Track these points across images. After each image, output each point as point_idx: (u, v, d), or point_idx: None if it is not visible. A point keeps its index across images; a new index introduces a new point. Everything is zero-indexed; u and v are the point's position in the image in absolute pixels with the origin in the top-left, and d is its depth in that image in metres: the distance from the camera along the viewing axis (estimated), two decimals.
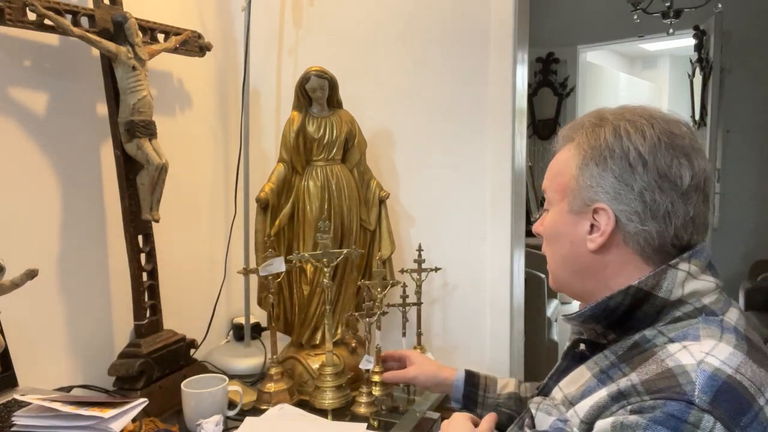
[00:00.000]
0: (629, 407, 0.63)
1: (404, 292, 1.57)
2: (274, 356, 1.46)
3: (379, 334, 1.46)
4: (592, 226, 0.77)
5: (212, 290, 1.79)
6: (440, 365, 1.28)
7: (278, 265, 1.44)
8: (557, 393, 0.80)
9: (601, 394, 0.68)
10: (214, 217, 1.86)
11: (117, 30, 1.32)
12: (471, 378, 1.20)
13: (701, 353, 0.65)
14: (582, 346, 0.83)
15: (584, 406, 0.69)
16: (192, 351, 1.53)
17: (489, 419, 0.96)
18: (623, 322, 0.75)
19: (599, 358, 0.76)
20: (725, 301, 0.74)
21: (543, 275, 3.10)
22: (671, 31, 3.77)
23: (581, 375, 0.77)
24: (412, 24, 1.69)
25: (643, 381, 0.65)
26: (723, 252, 4.16)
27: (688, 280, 0.72)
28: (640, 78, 6.88)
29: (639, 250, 0.75)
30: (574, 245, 0.80)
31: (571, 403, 0.75)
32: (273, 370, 1.44)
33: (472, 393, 1.18)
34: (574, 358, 0.83)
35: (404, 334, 1.59)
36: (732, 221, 4.29)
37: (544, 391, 0.87)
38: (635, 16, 3.65)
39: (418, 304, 1.61)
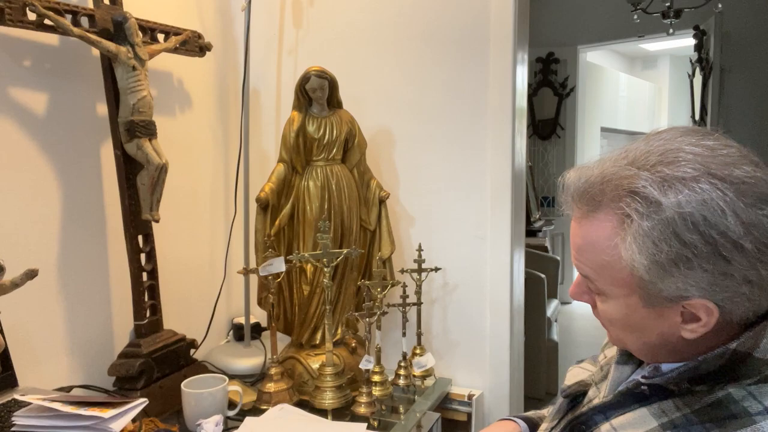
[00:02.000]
0: None
1: (404, 292, 1.58)
2: (274, 356, 1.46)
3: (379, 334, 1.46)
4: (682, 312, 0.64)
5: (212, 290, 1.79)
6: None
7: (278, 265, 1.44)
8: None
9: None
10: (214, 217, 1.86)
11: (117, 30, 1.32)
12: (531, 425, 1.02)
13: None
14: (643, 386, 0.72)
15: None
16: (192, 351, 1.53)
17: None
18: (703, 375, 0.66)
19: (667, 406, 0.67)
20: None
21: (543, 275, 3.10)
22: (671, 31, 3.77)
23: (643, 420, 0.68)
24: (412, 24, 1.69)
25: None
26: None
27: None
28: (640, 78, 6.89)
29: (746, 319, 0.65)
30: (664, 336, 0.67)
31: None
32: (273, 370, 1.44)
33: None
34: (632, 396, 0.72)
35: (404, 334, 1.59)
36: None
37: (584, 420, 0.76)
38: (635, 16, 3.65)
39: (418, 304, 1.61)
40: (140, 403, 1.13)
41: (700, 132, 0.65)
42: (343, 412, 1.40)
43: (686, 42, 4.62)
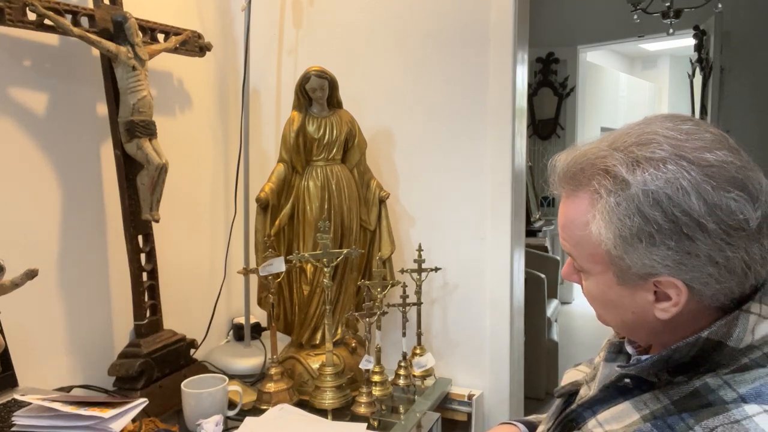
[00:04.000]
0: None
1: (404, 292, 1.57)
2: (274, 356, 1.46)
3: (379, 334, 1.46)
4: (655, 292, 0.66)
5: (212, 290, 1.79)
6: None
7: (278, 265, 1.44)
8: (596, 427, 0.73)
9: None
10: (214, 217, 1.86)
11: (117, 30, 1.32)
12: (531, 429, 1.04)
13: None
14: (626, 380, 0.73)
15: None
16: (192, 351, 1.53)
17: None
18: (681, 365, 0.68)
19: (648, 398, 0.69)
20: None
21: (543, 275, 3.10)
22: (671, 31, 3.77)
23: (626, 414, 0.70)
24: (412, 24, 1.69)
25: None
26: None
27: (758, 324, 0.65)
28: (640, 78, 6.89)
29: (719, 304, 0.66)
30: (638, 314, 0.69)
31: None
32: (273, 370, 1.44)
33: None
34: (617, 390, 0.74)
35: (404, 334, 1.59)
36: None
37: (573, 417, 0.78)
38: (635, 16, 3.65)
39: (418, 304, 1.61)
40: (140, 403, 1.13)
41: (680, 118, 0.67)
42: (343, 412, 1.40)
43: (686, 42, 4.62)
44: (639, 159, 0.63)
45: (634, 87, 6.66)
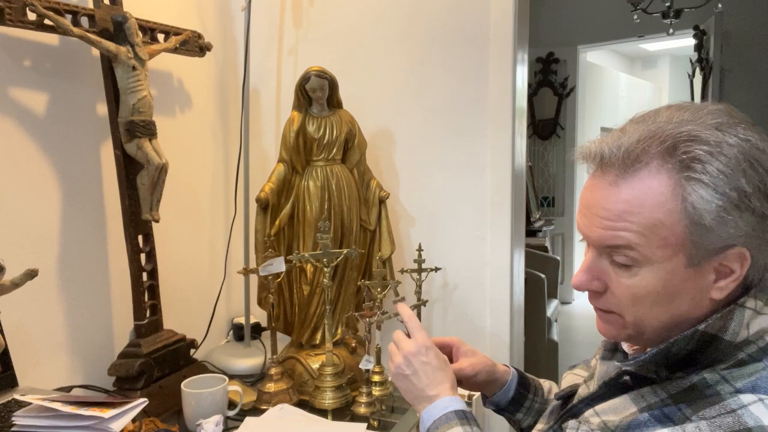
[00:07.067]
0: None
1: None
2: (274, 356, 1.46)
3: (379, 334, 1.46)
4: (716, 269, 0.65)
5: (212, 290, 1.79)
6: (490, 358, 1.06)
7: (278, 265, 1.44)
8: (593, 417, 0.73)
9: None
10: (214, 217, 1.86)
11: (117, 30, 1.32)
12: (522, 379, 1.03)
13: None
14: (626, 377, 0.73)
15: None
16: (192, 351, 1.53)
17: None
18: (680, 361, 0.68)
19: (647, 392, 0.69)
20: None
21: (543, 275, 3.10)
22: (671, 31, 3.77)
23: (624, 406, 0.70)
24: (412, 24, 1.69)
25: None
26: None
27: (753, 318, 0.65)
28: (640, 78, 6.89)
29: (760, 274, 0.67)
30: (696, 301, 0.67)
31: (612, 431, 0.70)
32: (273, 370, 1.44)
33: (522, 396, 1.02)
34: (616, 387, 0.74)
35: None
36: None
37: (575, 412, 0.79)
38: (635, 16, 3.65)
39: (419, 304, 1.61)
40: (140, 403, 1.13)
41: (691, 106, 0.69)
42: (343, 412, 1.40)
43: (686, 42, 4.63)
44: (717, 125, 0.63)
45: (634, 87, 6.66)
